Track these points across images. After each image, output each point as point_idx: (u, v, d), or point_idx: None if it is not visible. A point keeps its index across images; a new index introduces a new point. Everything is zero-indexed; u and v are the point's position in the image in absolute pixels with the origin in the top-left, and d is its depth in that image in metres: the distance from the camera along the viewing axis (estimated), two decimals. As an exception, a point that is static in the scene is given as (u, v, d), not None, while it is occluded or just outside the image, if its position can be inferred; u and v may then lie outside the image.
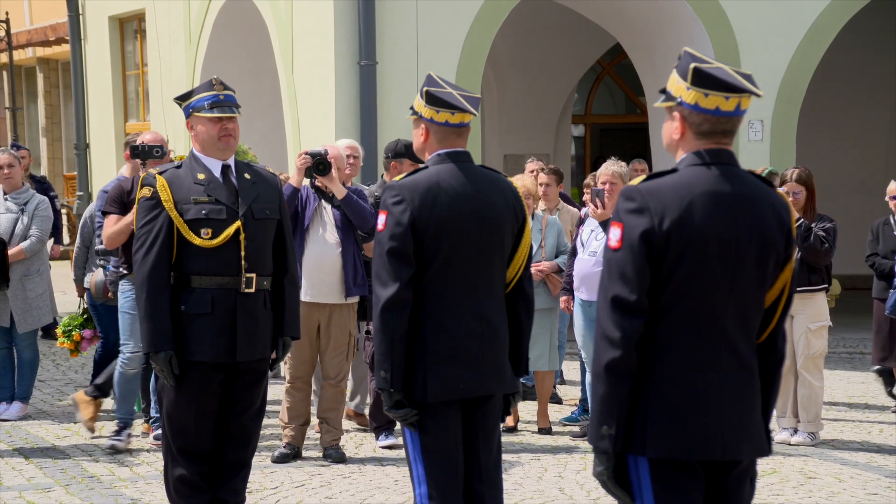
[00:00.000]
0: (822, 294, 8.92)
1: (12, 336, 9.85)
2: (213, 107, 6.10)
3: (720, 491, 3.95)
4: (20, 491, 7.60)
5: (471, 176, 4.93)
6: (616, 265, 3.85)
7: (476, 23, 13.73)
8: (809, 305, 8.84)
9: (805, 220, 8.76)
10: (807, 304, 8.82)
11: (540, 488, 7.65)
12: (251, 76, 15.66)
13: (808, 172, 9.05)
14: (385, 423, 8.57)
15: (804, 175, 8.93)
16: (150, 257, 5.96)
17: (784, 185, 8.89)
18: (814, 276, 8.83)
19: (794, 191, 8.84)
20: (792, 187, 8.85)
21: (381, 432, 8.66)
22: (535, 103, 18.94)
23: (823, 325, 8.88)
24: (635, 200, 3.85)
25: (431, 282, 4.82)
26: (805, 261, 8.77)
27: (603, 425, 3.83)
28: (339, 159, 8.37)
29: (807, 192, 8.90)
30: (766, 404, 4.03)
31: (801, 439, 8.88)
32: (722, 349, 3.88)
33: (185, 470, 6.10)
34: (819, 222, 8.87)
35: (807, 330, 8.83)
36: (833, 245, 8.88)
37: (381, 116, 13.38)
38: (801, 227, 8.72)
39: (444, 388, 4.81)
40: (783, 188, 8.82)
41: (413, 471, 4.90)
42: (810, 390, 8.86)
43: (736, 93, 3.85)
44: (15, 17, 25.52)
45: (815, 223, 8.83)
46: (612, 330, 3.81)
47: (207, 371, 6.05)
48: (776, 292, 4.00)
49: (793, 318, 8.85)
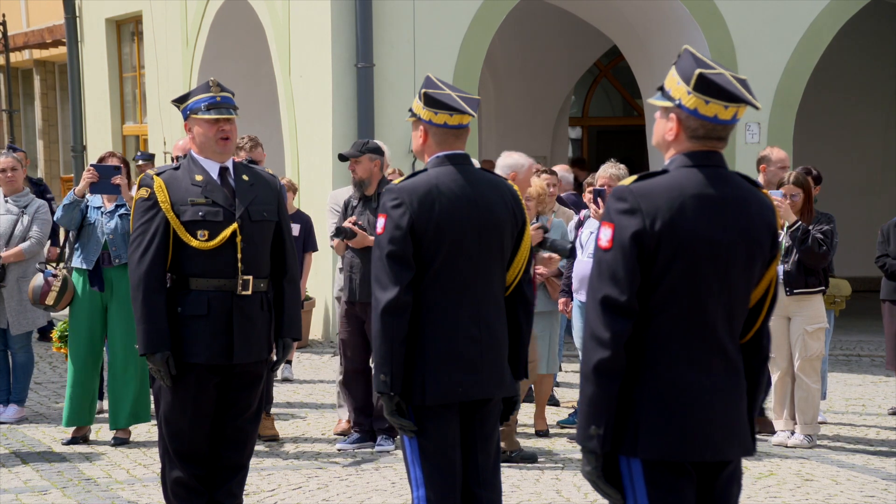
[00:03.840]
0: (820, 296, 8.91)
1: (7, 339, 9.84)
2: (210, 108, 6.10)
3: (709, 491, 3.96)
4: (17, 494, 7.59)
5: (470, 179, 4.92)
6: (606, 265, 3.85)
7: (473, 25, 13.74)
8: (806, 307, 8.84)
9: (803, 223, 8.75)
10: (804, 306, 8.83)
11: (537, 490, 7.65)
12: (248, 78, 15.67)
13: (805, 175, 9.03)
14: (387, 427, 8.53)
15: (801, 178, 8.93)
16: (147, 258, 5.96)
17: (781, 187, 8.88)
18: (811, 278, 8.83)
19: (791, 193, 8.84)
20: (790, 189, 8.85)
21: (382, 434, 8.61)
22: (532, 105, 18.96)
23: (820, 328, 8.88)
24: (627, 201, 3.85)
25: (431, 285, 4.82)
26: (803, 263, 8.77)
27: (591, 425, 3.83)
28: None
29: (804, 195, 8.90)
30: (751, 403, 4.04)
31: (798, 441, 8.87)
32: (712, 350, 3.89)
33: (181, 472, 6.09)
34: (817, 224, 8.85)
35: (803, 332, 8.83)
36: (831, 247, 8.87)
37: (378, 118, 13.39)
38: (799, 230, 8.72)
39: (442, 391, 4.80)
40: (781, 190, 8.82)
41: (411, 474, 4.89)
42: (807, 392, 8.86)
43: (737, 103, 3.85)
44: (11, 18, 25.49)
45: (813, 225, 8.83)
46: (601, 330, 3.81)
47: (204, 373, 6.04)
48: (761, 291, 4.01)
49: (790, 320, 8.86)
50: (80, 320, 8.87)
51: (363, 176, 8.60)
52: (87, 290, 8.84)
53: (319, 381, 11.58)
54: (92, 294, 8.83)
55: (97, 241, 8.79)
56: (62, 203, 8.87)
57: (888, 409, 10.38)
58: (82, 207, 8.79)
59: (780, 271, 8.74)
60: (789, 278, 8.78)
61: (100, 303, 8.85)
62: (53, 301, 8.87)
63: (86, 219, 8.83)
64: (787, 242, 8.77)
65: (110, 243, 8.75)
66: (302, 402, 10.59)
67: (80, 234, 8.86)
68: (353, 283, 8.59)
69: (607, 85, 20.04)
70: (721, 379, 3.90)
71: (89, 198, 8.81)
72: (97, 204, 8.85)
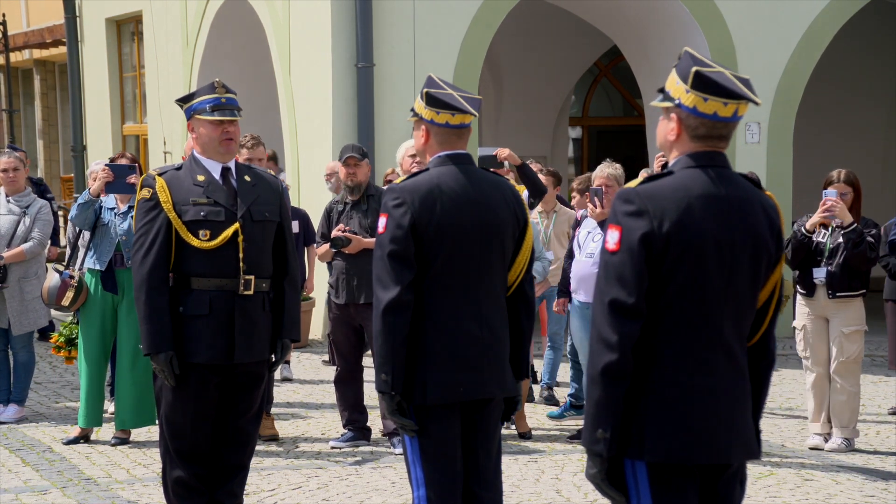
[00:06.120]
0: (860, 300, 8.79)
1: (8, 338, 9.84)
2: (214, 109, 6.11)
3: (712, 494, 3.96)
4: (17, 493, 7.59)
5: (472, 178, 4.92)
6: (614, 268, 3.83)
7: (473, 25, 13.74)
8: (845, 310, 8.73)
9: (858, 225, 8.63)
10: (843, 308, 8.72)
11: (537, 490, 7.65)
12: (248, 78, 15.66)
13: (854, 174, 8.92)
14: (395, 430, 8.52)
15: (852, 176, 8.80)
16: (149, 258, 5.97)
17: (830, 185, 8.72)
18: (854, 281, 8.70)
19: (842, 192, 8.68)
20: (840, 188, 8.69)
21: (395, 437, 8.60)
22: (532, 105, 18.96)
23: (857, 330, 8.75)
24: (634, 203, 3.84)
25: (432, 284, 4.82)
26: (850, 265, 8.64)
27: (598, 429, 3.82)
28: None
29: (854, 193, 8.76)
30: (757, 406, 4.04)
31: (836, 445, 8.73)
32: (718, 352, 3.89)
33: (182, 472, 6.10)
34: (865, 227, 8.72)
35: (840, 334, 8.73)
36: (879, 252, 8.83)
37: (379, 118, 13.40)
38: (854, 233, 8.58)
39: (443, 391, 4.80)
40: (833, 189, 8.69)
41: (412, 473, 4.89)
42: (845, 395, 8.72)
43: (735, 99, 3.84)
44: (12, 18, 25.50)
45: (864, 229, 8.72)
46: (608, 333, 3.80)
47: (204, 373, 6.04)
48: (767, 293, 4.01)
49: (828, 322, 8.81)
50: (93, 321, 8.87)
51: (362, 181, 8.64)
52: (100, 291, 8.84)
53: (319, 381, 11.59)
54: (104, 295, 8.83)
55: (111, 241, 8.79)
56: (77, 202, 8.87)
57: (888, 409, 10.38)
58: (96, 208, 8.80)
59: (824, 273, 8.70)
60: (833, 280, 8.66)
61: (111, 304, 8.86)
62: (69, 302, 8.87)
63: (99, 219, 8.84)
64: (831, 244, 8.70)
65: (123, 245, 8.75)
66: (302, 402, 10.60)
67: (94, 235, 8.86)
68: (350, 285, 8.59)
69: (607, 85, 20.04)
70: (726, 381, 3.89)
71: (103, 198, 8.80)
72: (111, 205, 8.85)
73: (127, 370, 8.71)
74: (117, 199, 8.86)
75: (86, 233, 8.93)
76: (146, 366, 8.47)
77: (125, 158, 9.23)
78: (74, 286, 8.82)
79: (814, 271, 8.75)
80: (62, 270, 8.96)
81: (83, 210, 8.74)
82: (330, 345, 8.81)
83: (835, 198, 8.57)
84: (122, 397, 8.74)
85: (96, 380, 8.87)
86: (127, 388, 8.71)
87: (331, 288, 8.75)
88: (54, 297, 8.90)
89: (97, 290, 8.86)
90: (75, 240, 9.09)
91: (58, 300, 8.90)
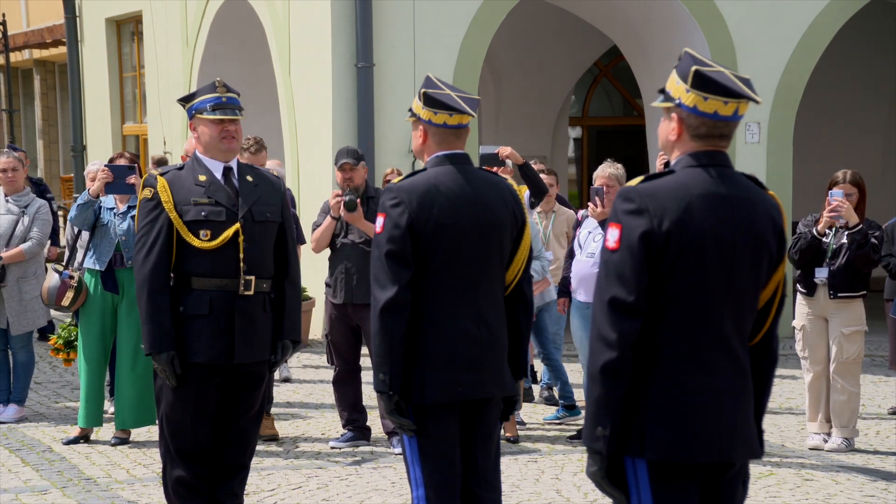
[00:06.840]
0: (861, 300, 8.79)
1: (7, 338, 9.84)
2: (215, 109, 6.11)
3: (714, 493, 3.95)
4: (17, 493, 7.59)
5: (469, 178, 4.92)
6: (614, 266, 3.84)
7: (473, 25, 13.74)
8: (845, 310, 8.73)
9: (863, 226, 8.63)
10: (842, 308, 8.73)
11: (537, 490, 7.65)
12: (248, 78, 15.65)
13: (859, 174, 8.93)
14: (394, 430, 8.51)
15: (858, 176, 8.80)
16: (151, 258, 5.98)
17: (836, 186, 8.73)
18: (856, 282, 8.70)
19: (848, 192, 8.68)
20: (846, 188, 8.70)
21: (395, 437, 8.59)
22: (532, 105, 18.96)
23: (857, 330, 8.75)
24: (634, 201, 3.85)
25: (430, 284, 4.82)
26: (853, 265, 8.64)
27: (598, 426, 3.83)
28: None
29: (859, 194, 8.77)
30: (759, 406, 4.04)
31: (836, 445, 8.74)
32: (719, 351, 3.89)
33: (182, 472, 6.10)
34: (869, 228, 8.72)
35: (840, 334, 8.72)
36: (881, 253, 8.83)
37: (379, 118, 13.40)
38: (859, 234, 8.58)
39: (442, 391, 4.80)
40: (839, 189, 8.70)
41: (411, 473, 4.89)
42: (846, 396, 8.72)
43: (735, 98, 3.84)
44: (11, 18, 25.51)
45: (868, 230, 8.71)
46: (608, 331, 3.81)
47: (205, 373, 6.05)
48: (769, 293, 4.01)
49: (828, 322, 8.81)
50: (93, 321, 8.87)
51: (360, 184, 8.63)
52: (100, 290, 8.84)
53: (319, 381, 11.59)
54: (104, 295, 8.83)
55: (110, 242, 8.80)
56: (76, 203, 8.87)
57: (888, 409, 10.38)
58: (96, 208, 8.80)
59: (826, 273, 8.71)
60: (834, 280, 8.66)
61: (111, 304, 8.86)
62: (69, 302, 8.87)
63: (99, 219, 8.84)
64: (835, 244, 8.69)
65: (123, 245, 8.76)
66: (302, 402, 10.60)
67: (94, 235, 8.87)
68: (348, 285, 8.59)
69: (607, 85, 20.04)
70: (728, 380, 3.89)
71: (102, 199, 8.81)
72: (110, 205, 8.86)
73: (127, 370, 8.71)
74: (116, 200, 8.86)
75: (84, 233, 8.93)
76: (146, 365, 8.46)
77: (125, 157, 9.23)
78: (74, 286, 8.83)
79: (816, 271, 8.75)
80: (61, 271, 8.96)
81: (82, 211, 8.74)
82: (328, 345, 8.80)
83: (841, 198, 8.58)
84: (122, 397, 8.74)
85: (96, 380, 8.87)
86: (127, 388, 8.71)
87: (328, 288, 8.75)
88: (54, 297, 8.90)
89: (97, 290, 8.86)
90: (74, 240, 9.09)
91: (57, 300, 8.90)
